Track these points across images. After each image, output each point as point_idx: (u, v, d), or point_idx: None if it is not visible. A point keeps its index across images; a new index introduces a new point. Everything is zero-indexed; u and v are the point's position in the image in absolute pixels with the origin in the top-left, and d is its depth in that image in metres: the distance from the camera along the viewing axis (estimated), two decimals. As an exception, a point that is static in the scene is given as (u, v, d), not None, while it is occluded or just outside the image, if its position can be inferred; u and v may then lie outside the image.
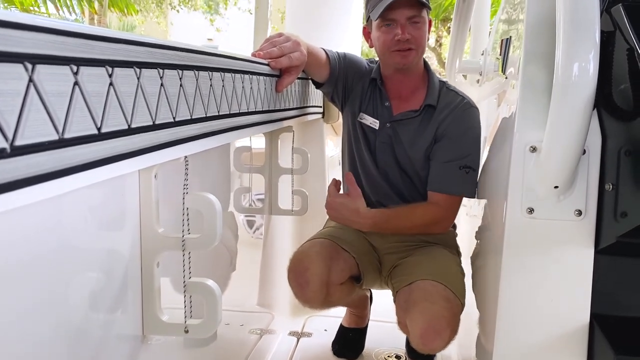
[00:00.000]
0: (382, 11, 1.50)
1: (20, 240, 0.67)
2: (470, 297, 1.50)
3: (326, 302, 1.59)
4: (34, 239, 0.70)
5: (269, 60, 1.32)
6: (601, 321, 1.06)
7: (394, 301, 1.56)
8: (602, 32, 0.96)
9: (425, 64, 1.68)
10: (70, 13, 10.69)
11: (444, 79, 1.70)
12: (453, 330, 1.39)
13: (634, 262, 1.08)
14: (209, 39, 20.32)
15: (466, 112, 1.59)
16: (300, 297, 1.57)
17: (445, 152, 1.56)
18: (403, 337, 1.75)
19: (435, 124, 1.58)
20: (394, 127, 1.63)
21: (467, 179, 1.54)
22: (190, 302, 0.96)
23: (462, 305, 1.47)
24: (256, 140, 1.70)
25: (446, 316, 1.38)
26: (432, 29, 1.62)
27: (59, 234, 0.75)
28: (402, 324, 1.47)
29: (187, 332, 0.95)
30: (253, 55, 1.32)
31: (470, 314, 1.47)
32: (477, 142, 1.58)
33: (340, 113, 1.82)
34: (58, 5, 10.22)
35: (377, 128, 1.65)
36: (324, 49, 1.62)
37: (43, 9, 10.11)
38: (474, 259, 1.60)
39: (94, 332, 0.84)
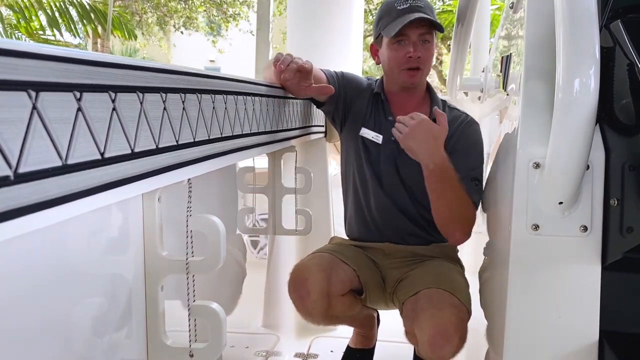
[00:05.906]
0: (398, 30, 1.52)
1: (23, 264, 0.67)
2: (478, 312, 1.48)
3: (328, 316, 1.58)
4: (38, 263, 0.69)
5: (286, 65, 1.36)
6: (611, 338, 1.05)
7: (401, 313, 1.55)
8: (602, 48, 0.97)
9: (427, 83, 1.71)
10: (74, 37, 10.79)
11: (445, 97, 1.72)
12: (461, 338, 1.38)
13: (642, 278, 1.07)
14: (210, 61, 20.51)
15: (472, 127, 1.64)
16: (302, 309, 1.56)
17: (458, 167, 1.55)
18: (411, 357, 1.73)
19: None
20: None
21: (477, 190, 1.56)
22: (195, 325, 0.96)
23: (469, 312, 1.46)
24: (259, 161, 1.71)
25: (454, 322, 1.37)
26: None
27: (63, 258, 0.75)
28: (410, 334, 1.46)
29: (192, 356, 0.94)
30: (274, 64, 1.38)
31: (477, 330, 1.46)
32: (483, 156, 1.62)
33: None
34: (61, 30, 10.31)
35: (380, 142, 1.65)
36: (322, 69, 1.64)
37: (49, 32, 10.17)
38: (481, 274, 1.59)
39: (97, 356, 0.84)
